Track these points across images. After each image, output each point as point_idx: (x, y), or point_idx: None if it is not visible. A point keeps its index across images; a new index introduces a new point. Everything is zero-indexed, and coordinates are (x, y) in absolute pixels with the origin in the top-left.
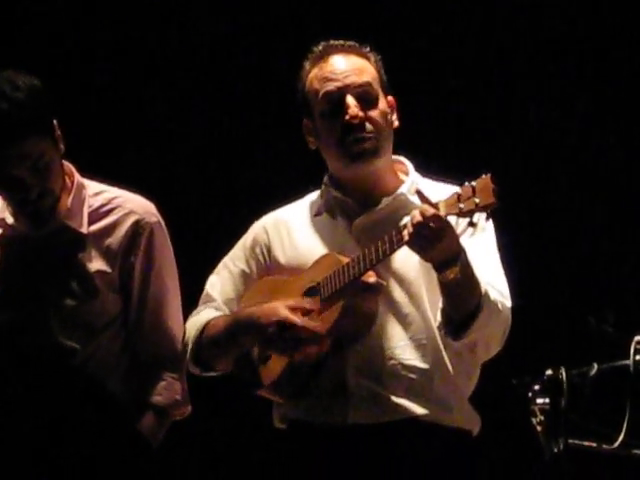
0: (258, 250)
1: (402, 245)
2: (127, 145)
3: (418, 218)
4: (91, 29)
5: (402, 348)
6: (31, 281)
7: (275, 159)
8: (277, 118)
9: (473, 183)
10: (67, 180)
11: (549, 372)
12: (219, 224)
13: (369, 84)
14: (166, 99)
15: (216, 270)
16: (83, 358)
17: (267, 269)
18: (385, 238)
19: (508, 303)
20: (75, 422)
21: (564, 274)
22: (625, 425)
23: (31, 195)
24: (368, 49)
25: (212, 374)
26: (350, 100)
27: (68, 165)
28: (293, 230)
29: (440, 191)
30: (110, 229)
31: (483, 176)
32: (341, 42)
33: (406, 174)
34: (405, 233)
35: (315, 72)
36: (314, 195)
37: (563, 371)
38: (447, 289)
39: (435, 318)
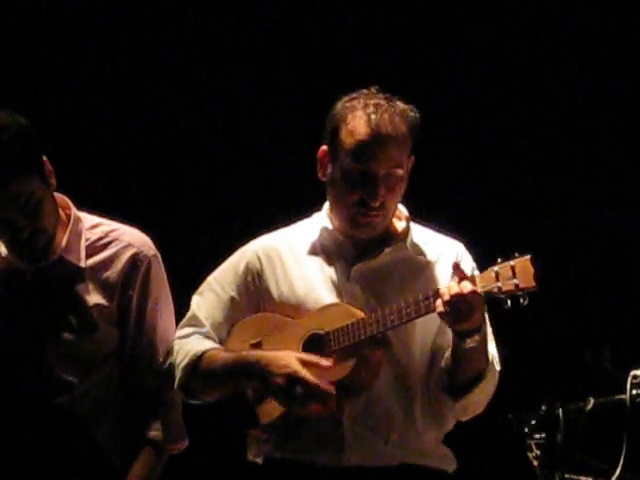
0: (250, 278)
1: (430, 312)
2: (123, 178)
3: (456, 291)
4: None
5: (396, 398)
6: (29, 314)
7: (268, 183)
8: (269, 143)
9: (511, 263)
10: (63, 213)
11: (545, 407)
12: (213, 256)
13: (399, 167)
14: (156, 124)
15: (200, 290)
16: (80, 392)
17: (256, 297)
18: (410, 300)
19: (498, 368)
20: (60, 461)
21: (560, 309)
22: (622, 459)
23: (23, 236)
24: (410, 108)
25: (197, 402)
26: (378, 189)
27: (63, 198)
28: (287, 265)
29: (437, 242)
30: (108, 262)
31: (520, 256)
32: (387, 98)
33: (405, 221)
34: (438, 303)
35: (355, 123)
36: (307, 225)
37: (559, 406)
38: (463, 355)
39: (423, 366)
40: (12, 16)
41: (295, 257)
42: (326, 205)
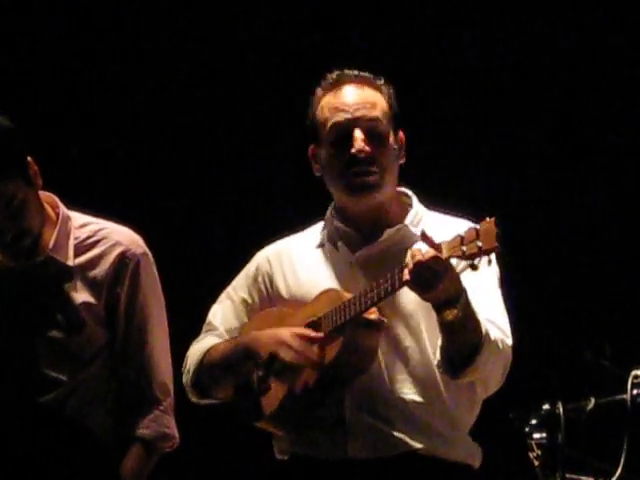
0: (260, 279)
1: (403, 285)
2: (119, 178)
3: (418, 258)
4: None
5: (401, 382)
6: (17, 312)
7: (273, 187)
8: (276, 147)
9: (477, 226)
10: (51, 212)
11: (546, 406)
12: (212, 256)
13: (379, 120)
14: (156, 123)
15: (218, 299)
16: (69, 389)
17: (269, 299)
18: (387, 276)
19: (509, 341)
20: (53, 459)
21: (561, 308)
22: (623, 459)
23: (5, 238)
24: (382, 82)
25: (210, 401)
26: (358, 134)
27: (52, 196)
28: (295, 261)
29: (445, 224)
30: (96, 261)
31: (487, 219)
32: (355, 72)
33: (410, 206)
34: (405, 272)
35: (327, 100)
36: (317, 226)
37: (560, 405)
38: (446, 329)
39: (434, 352)
40: None
41: (303, 253)
42: (331, 206)
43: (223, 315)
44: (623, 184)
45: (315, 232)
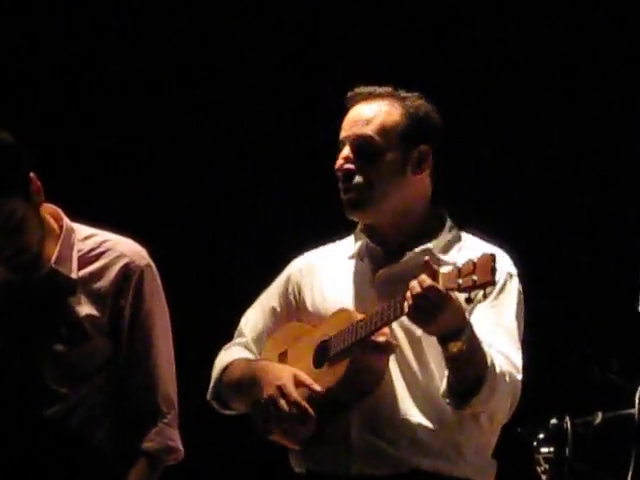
0: (290, 289)
1: (402, 314)
2: (127, 189)
3: (416, 290)
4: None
5: (407, 405)
6: (20, 326)
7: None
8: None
9: (474, 259)
10: (55, 225)
11: (554, 421)
12: (216, 268)
13: (369, 136)
14: (156, 123)
15: (253, 305)
16: (73, 403)
17: (296, 310)
18: (391, 303)
19: (518, 376)
20: (54, 474)
21: (569, 322)
22: (630, 474)
23: (5, 254)
24: (404, 94)
25: (230, 412)
26: (344, 151)
27: (55, 209)
28: (324, 275)
29: (474, 250)
30: (99, 273)
31: (485, 254)
32: (369, 88)
33: (432, 221)
34: (405, 305)
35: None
36: (350, 238)
37: (568, 420)
38: (450, 362)
39: (441, 378)
40: None
41: (332, 267)
42: None
43: (253, 322)
44: (623, 184)
45: (346, 244)
